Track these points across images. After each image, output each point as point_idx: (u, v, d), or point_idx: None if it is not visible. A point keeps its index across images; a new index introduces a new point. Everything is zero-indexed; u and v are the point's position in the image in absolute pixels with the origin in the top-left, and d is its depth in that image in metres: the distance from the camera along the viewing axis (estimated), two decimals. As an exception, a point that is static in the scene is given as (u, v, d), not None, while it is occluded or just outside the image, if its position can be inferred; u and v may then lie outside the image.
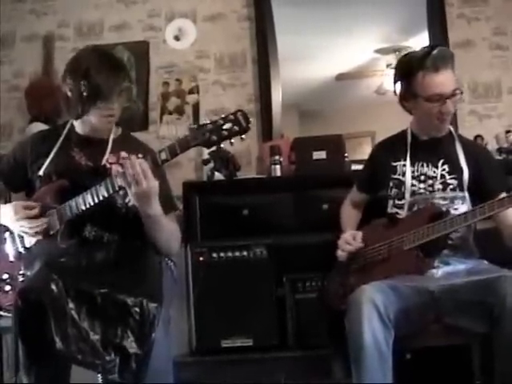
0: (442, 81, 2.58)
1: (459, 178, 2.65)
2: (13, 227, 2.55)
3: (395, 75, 2.74)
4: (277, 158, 3.68)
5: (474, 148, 2.82)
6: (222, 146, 2.26)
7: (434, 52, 2.59)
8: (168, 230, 2.49)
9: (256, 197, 3.55)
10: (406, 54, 2.81)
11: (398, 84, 2.71)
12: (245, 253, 3.38)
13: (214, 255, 3.37)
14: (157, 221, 2.40)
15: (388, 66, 4.02)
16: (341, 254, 2.72)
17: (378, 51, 4.04)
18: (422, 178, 2.68)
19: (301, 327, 3.30)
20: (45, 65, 4.15)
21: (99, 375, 2.48)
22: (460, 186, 2.64)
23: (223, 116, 2.24)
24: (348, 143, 3.73)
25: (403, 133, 2.81)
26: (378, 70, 4.07)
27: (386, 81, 4.04)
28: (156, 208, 2.36)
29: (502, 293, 2.26)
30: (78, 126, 2.62)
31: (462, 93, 2.66)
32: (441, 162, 2.68)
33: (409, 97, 2.68)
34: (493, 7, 3.95)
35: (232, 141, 2.24)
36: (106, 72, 2.44)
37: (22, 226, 2.51)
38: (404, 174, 2.71)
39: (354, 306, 2.35)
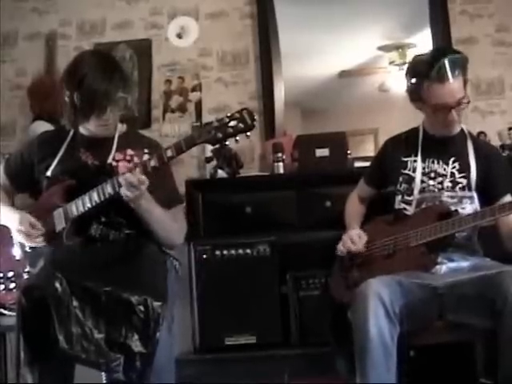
0: (447, 91, 2.55)
1: (468, 177, 2.64)
2: (14, 235, 2.57)
3: (405, 74, 2.72)
4: (279, 155, 3.68)
5: (485, 148, 2.80)
6: (227, 143, 2.27)
7: (441, 61, 2.54)
8: (165, 222, 2.50)
9: (259, 194, 3.55)
10: (417, 56, 2.77)
11: (407, 84, 2.69)
12: (248, 250, 3.38)
13: (217, 253, 3.38)
14: (151, 212, 2.42)
15: (391, 63, 4.02)
16: (341, 249, 2.72)
17: (381, 48, 4.03)
18: (432, 174, 2.68)
19: (304, 324, 3.30)
20: (47, 63, 4.14)
21: (103, 375, 2.49)
22: (469, 186, 2.64)
23: (229, 114, 2.25)
24: (351, 140, 3.73)
25: (415, 129, 2.81)
26: (380, 67, 4.07)
27: (389, 78, 4.04)
28: (148, 199, 2.38)
29: (505, 287, 2.28)
30: (82, 128, 2.63)
31: (468, 102, 2.62)
32: (451, 159, 2.68)
33: (416, 99, 2.67)
34: (495, 4, 3.94)
35: (237, 138, 2.25)
36: (100, 84, 2.45)
37: (20, 237, 2.54)
38: (414, 170, 2.70)
39: (360, 299, 2.36)
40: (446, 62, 2.55)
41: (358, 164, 3.66)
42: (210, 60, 4.12)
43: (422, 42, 3.91)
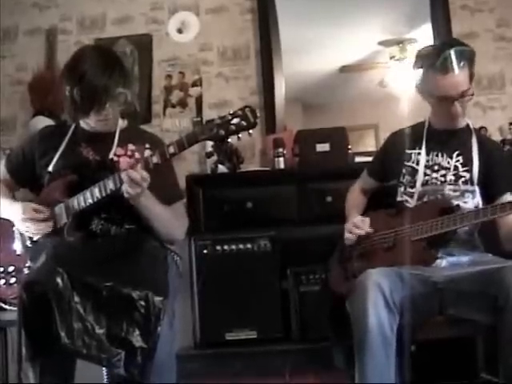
0: (451, 83, 2.55)
1: (471, 171, 2.64)
2: (19, 226, 2.57)
3: (413, 65, 2.72)
4: (280, 150, 3.69)
5: (489, 144, 2.78)
6: (228, 140, 2.27)
7: (446, 52, 2.54)
8: (165, 218, 2.50)
9: (259, 189, 3.55)
10: (425, 47, 2.76)
11: (415, 74, 2.69)
12: (249, 245, 3.38)
13: (218, 248, 3.38)
14: (151, 209, 2.43)
15: (391, 58, 4.01)
16: (349, 236, 2.71)
17: (382, 43, 4.03)
18: (436, 167, 2.68)
19: (304, 320, 3.30)
20: (47, 59, 4.14)
21: (104, 372, 2.49)
22: (471, 180, 2.63)
23: (231, 111, 2.25)
24: (351, 135, 3.73)
25: (421, 123, 2.80)
26: (381, 62, 4.06)
27: (389, 73, 4.04)
28: (148, 196, 2.38)
29: (506, 283, 2.27)
30: (83, 123, 2.63)
31: (472, 94, 2.61)
32: (456, 153, 2.68)
33: (421, 90, 2.67)
34: (496, -2, 3.95)
35: (239, 136, 2.25)
36: (100, 79, 2.45)
37: (27, 226, 2.54)
38: (418, 163, 2.70)
39: (359, 289, 2.36)
40: (452, 53, 2.54)
41: (358, 159, 3.66)
42: (210, 55, 4.12)
43: (423, 37, 3.90)
